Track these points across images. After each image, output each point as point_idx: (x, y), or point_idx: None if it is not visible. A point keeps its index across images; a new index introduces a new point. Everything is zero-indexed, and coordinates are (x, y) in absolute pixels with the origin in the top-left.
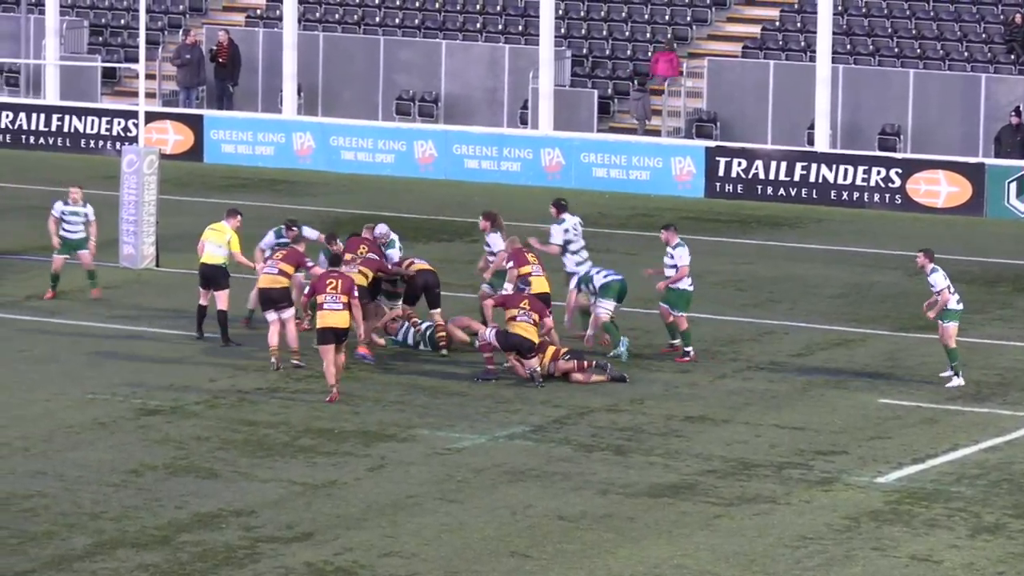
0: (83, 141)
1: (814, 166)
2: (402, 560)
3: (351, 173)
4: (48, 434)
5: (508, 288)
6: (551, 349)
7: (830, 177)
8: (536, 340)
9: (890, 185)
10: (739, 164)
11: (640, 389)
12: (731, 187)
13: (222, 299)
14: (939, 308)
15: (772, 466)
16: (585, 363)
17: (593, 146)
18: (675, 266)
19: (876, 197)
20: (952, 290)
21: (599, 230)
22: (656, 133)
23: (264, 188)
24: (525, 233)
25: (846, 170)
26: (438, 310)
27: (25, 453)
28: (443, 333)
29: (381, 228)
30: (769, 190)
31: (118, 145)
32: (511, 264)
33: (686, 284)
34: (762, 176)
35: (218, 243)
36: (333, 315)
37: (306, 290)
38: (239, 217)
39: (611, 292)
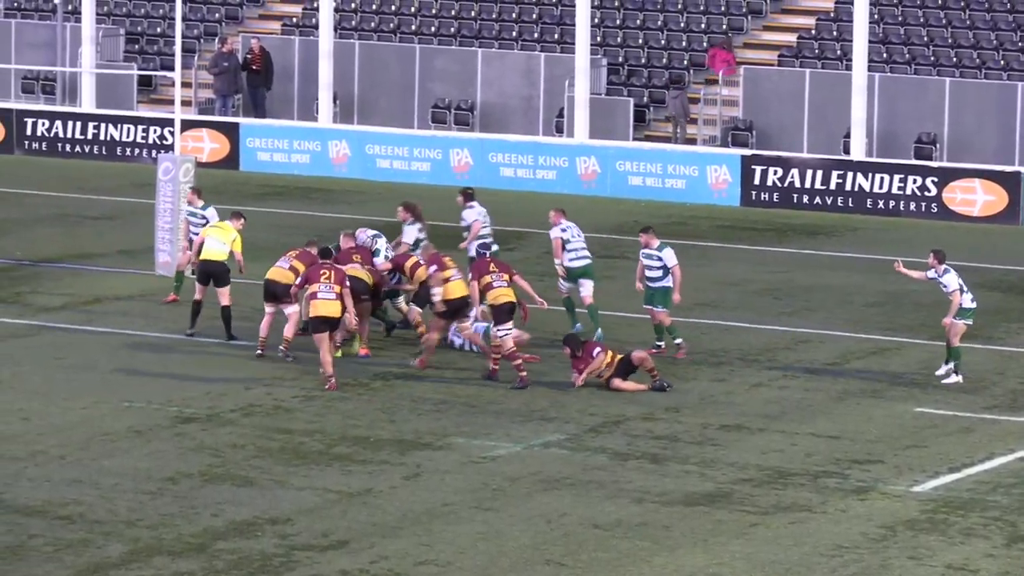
0: (119, 149)
1: (850, 175)
2: (437, 568)
3: (387, 181)
4: (85, 442)
5: (437, 293)
6: (609, 354)
7: (866, 186)
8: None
9: (926, 194)
10: (775, 173)
11: (676, 398)
12: (767, 196)
13: (224, 296)
14: (954, 309)
15: (808, 475)
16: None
17: (629, 154)
18: (663, 267)
19: (912, 206)
20: (965, 290)
21: (635, 238)
22: (692, 141)
23: (299, 196)
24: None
25: (882, 179)
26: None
27: (61, 461)
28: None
29: (364, 235)
30: (805, 199)
31: (154, 153)
32: (434, 268)
33: (668, 281)
34: (798, 185)
35: (222, 240)
36: (326, 304)
37: (297, 280)
38: (243, 220)
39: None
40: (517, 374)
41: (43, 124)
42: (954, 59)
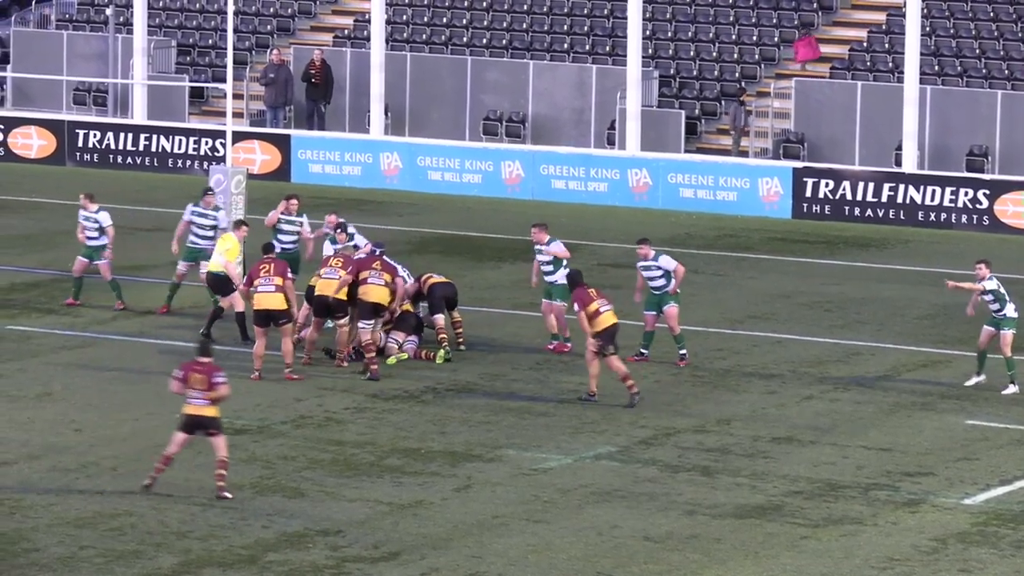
0: (170, 160)
1: (901, 187)
2: None
3: (438, 193)
4: (137, 453)
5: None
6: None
7: (918, 198)
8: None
9: (978, 206)
10: (826, 185)
11: (727, 410)
12: (818, 208)
13: (236, 303)
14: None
15: (859, 487)
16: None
17: (680, 167)
18: (665, 273)
19: (964, 218)
20: (1008, 299)
21: (686, 251)
22: (744, 153)
23: (351, 208)
24: (610, 253)
25: (934, 191)
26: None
27: (113, 472)
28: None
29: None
30: (856, 211)
31: (205, 165)
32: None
33: (659, 283)
34: (849, 197)
35: (219, 251)
36: (267, 297)
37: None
38: (245, 228)
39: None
40: (369, 368)
41: (95, 135)
42: (1006, 71)
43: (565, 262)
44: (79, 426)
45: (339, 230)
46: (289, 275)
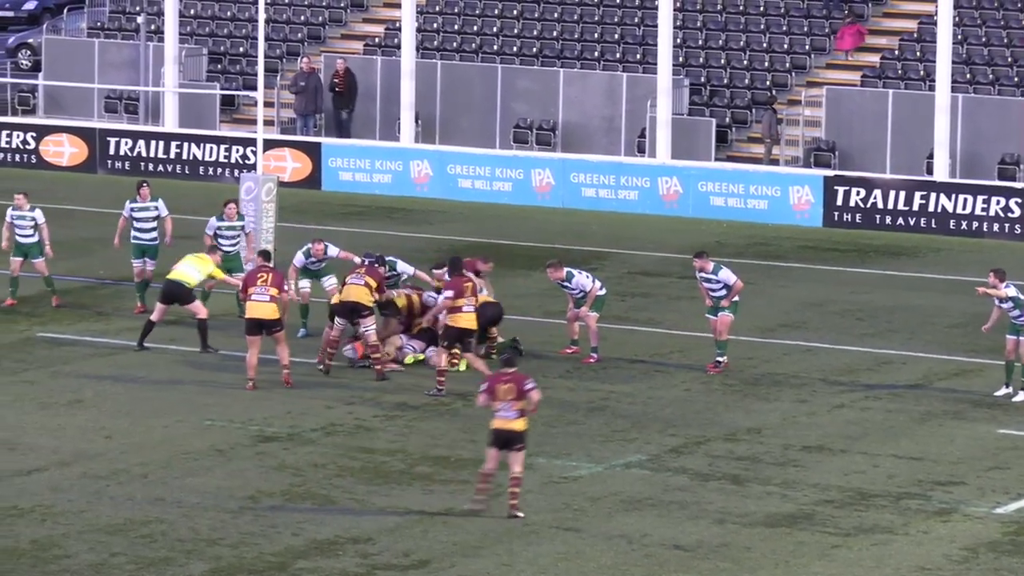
0: (201, 168)
1: (933, 195)
2: None
3: (468, 201)
4: (166, 460)
5: None
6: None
7: (949, 207)
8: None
9: (1009, 215)
10: (858, 193)
11: (757, 418)
12: (849, 216)
13: (198, 310)
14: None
15: (890, 496)
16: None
17: (711, 175)
18: (725, 286)
19: (995, 227)
20: None
21: (717, 259)
22: (775, 162)
23: (381, 216)
24: (639, 262)
25: (965, 199)
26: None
27: (143, 480)
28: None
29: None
30: (888, 219)
31: (236, 172)
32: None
33: (720, 294)
34: (880, 205)
35: (197, 268)
36: (260, 306)
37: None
38: (219, 255)
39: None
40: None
41: (126, 143)
42: None
43: (591, 277)
44: (109, 433)
45: (377, 263)
46: (286, 287)
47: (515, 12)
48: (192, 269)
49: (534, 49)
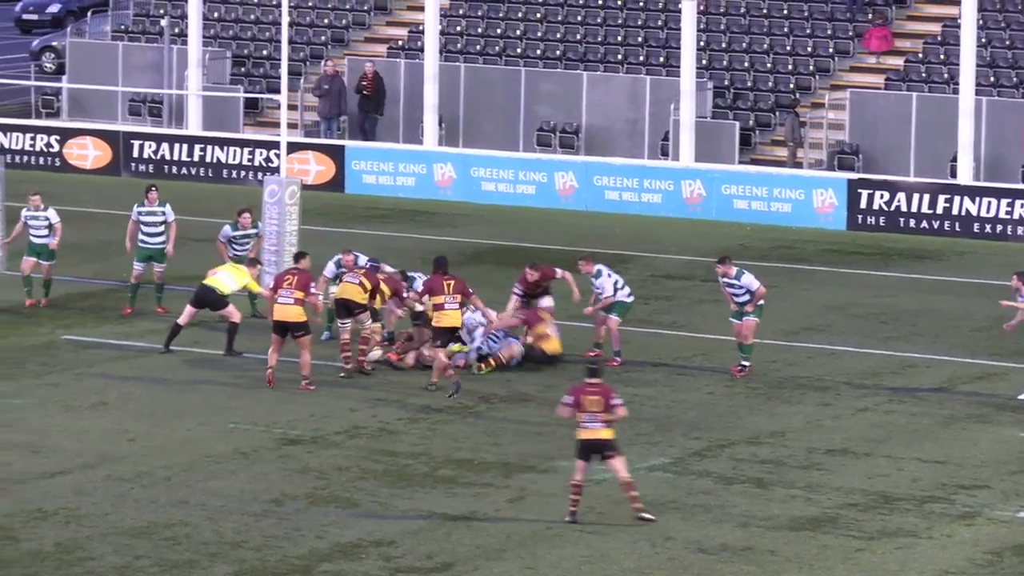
0: (225, 171)
1: (957, 198)
2: None
3: (492, 204)
4: (190, 463)
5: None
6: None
7: (973, 210)
8: None
9: None
10: (881, 196)
11: (781, 422)
12: (873, 219)
13: (232, 313)
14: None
15: (914, 500)
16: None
17: (734, 178)
18: (748, 292)
19: (1020, 230)
20: None
21: (741, 262)
22: (799, 165)
23: (404, 219)
24: (663, 265)
25: (989, 203)
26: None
27: (167, 482)
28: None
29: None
30: (912, 222)
31: (260, 175)
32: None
33: (743, 299)
34: (904, 208)
35: (234, 279)
36: (283, 309)
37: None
38: (259, 267)
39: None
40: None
41: (150, 146)
42: None
43: (620, 283)
44: (133, 435)
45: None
46: (312, 289)
47: (538, 15)
48: (229, 278)
49: (557, 52)
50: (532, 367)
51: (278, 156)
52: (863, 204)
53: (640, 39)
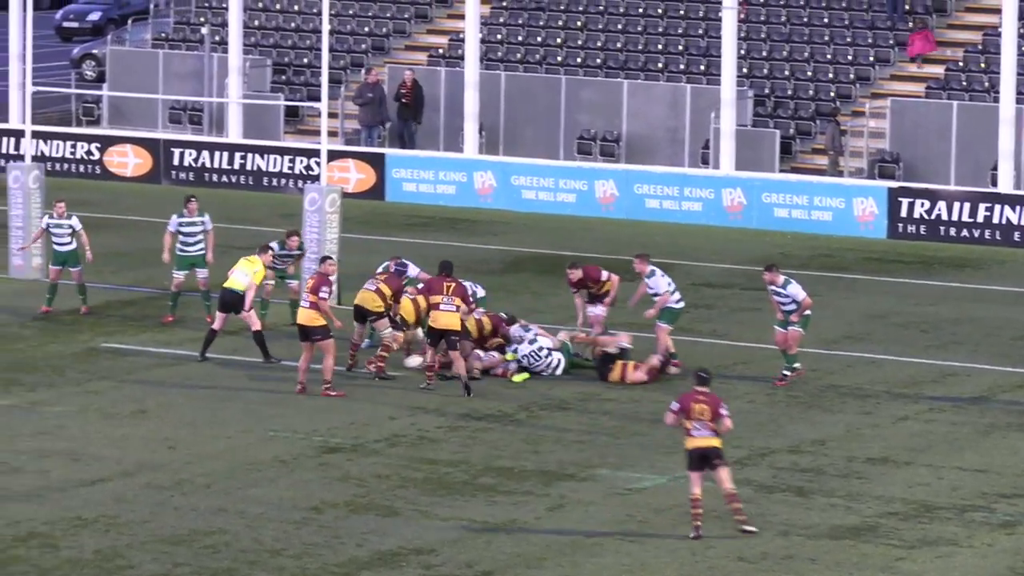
0: (265, 179)
1: (997, 207)
2: None
3: (532, 212)
4: (230, 471)
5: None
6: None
7: (1014, 218)
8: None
9: None
10: (922, 205)
11: (822, 430)
12: (914, 228)
13: (252, 321)
14: None
15: (954, 509)
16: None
17: (775, 186)
18: (794, 302)
19: None
20: None
21: (783, 271)
22: (839, 173)
23: (445, 227)
24: (703, 273)
25: None
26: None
27: (207, 490)
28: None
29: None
30: (952, 231)
31: (300, 183)
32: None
33: (790, 308)
34: (945, 217)
35: (246, 271)
36: (301, 312)
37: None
38: (271, 252)
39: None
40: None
41: (190, 154)
42: None
43: (672, 287)
44: (173, 443)
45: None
46: (322, 293)
47: (579, 23)
48: (241, 274)
49: (598, 60)
50: (573, 376)
51: (319, 164)
52: (904, 213)
53: (681, 47)
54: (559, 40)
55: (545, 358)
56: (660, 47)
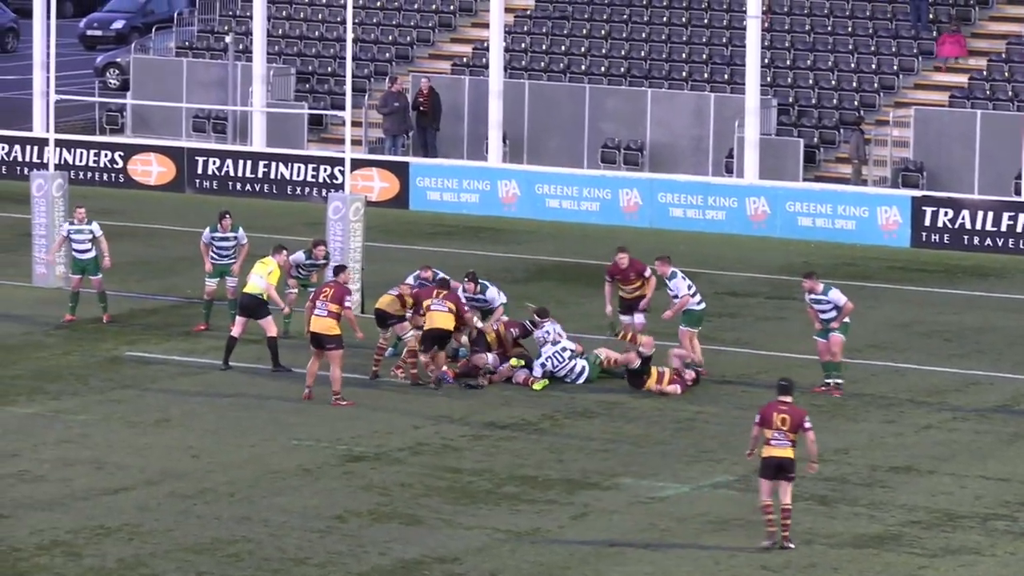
0: (289, 188)
1: (1021, 216)
2: None
3: (556, 221)
4: (254, 479)
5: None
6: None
7: None
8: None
9: None
10: (946, 214)
11: (845, 439)
12: (937, 237)
13: (268, 327)
14: None
15: (977, 517)
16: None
17: (799, 195)
18: (835, 307)
19: None
20: None
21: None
22: (863, 182)
23: (469, 236)
24: (727, 282)
25: None
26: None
27: (231, 499)
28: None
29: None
30: (976, 240)
31: (324, 192)
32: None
33: (830, 315)
34: (969, 226)
35: (259, 274)
36: (316, 320)
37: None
38: (285, 253)
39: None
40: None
41: (214, 162)
42: None
43: (693, 288)
44: (196, 452)
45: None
46: (347, 303)
47: (603, 32)
48: (257, 278)
49: (622, 69)
50: (597, 384)
51: (342, 173)
52: (927, 221)
53: (705, 56)
54: (583, 49)
55: (568, 360)
56: (684, 56)
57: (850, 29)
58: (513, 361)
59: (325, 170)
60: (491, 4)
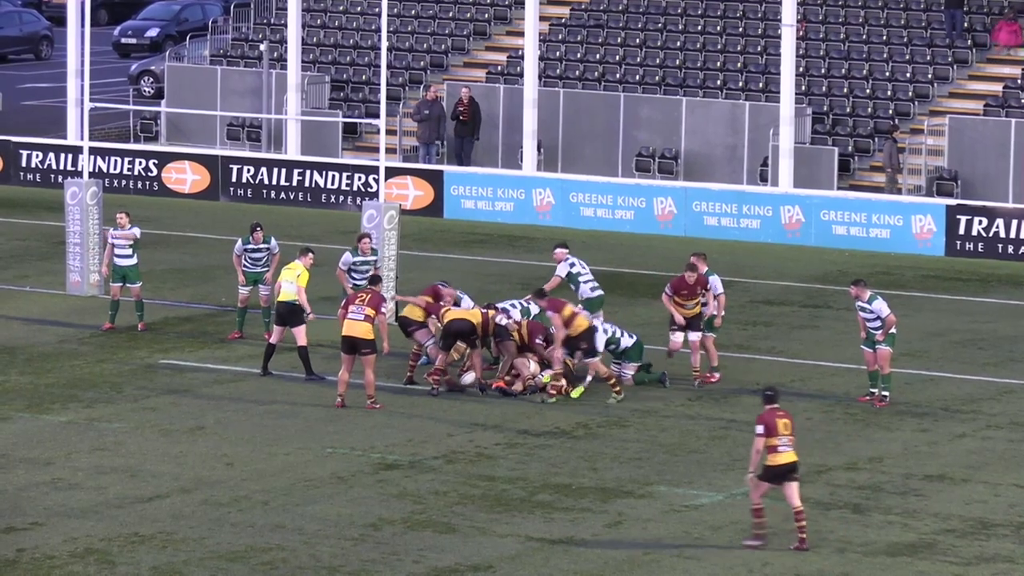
0: (323, 196)
1: None
2: None
3: (591, 229)
4: (288, 488)
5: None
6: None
7: None
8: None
9: None
10: (980, 222)
11: (879, 447)
12: (972, 245)
13: (300, 335)
14: None
15: (1011, 526)
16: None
17: (833, 204)
18: (878, 318)
19: None
20: None
21: (839, 288)
22: (898, 191)
23: (503, 244)
24: (762, 290)
25: None
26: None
27: (265, 507)
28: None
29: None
30: (1010, 248)
31: (358, 200)
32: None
33: (875, 325)
34: (1003, 235)
35: (290, 279)
36: (352, 324)
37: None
38: (311, 255)
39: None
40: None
41: (248, 171)
42: None
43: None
44: (231, 460)
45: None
46: (383, 309)
47: (638, 40)
48: (287, 283)
49: (656, 77)
50: (631, 391)
51: (377, 181)
52: (961, 230)
53: (739, 65)
54: (618, 57)
55: (619, 336)
56: (719, 64)
57: (885, 38)
58: (546, 376)
59: (360, 178)
60: (526, 12)
